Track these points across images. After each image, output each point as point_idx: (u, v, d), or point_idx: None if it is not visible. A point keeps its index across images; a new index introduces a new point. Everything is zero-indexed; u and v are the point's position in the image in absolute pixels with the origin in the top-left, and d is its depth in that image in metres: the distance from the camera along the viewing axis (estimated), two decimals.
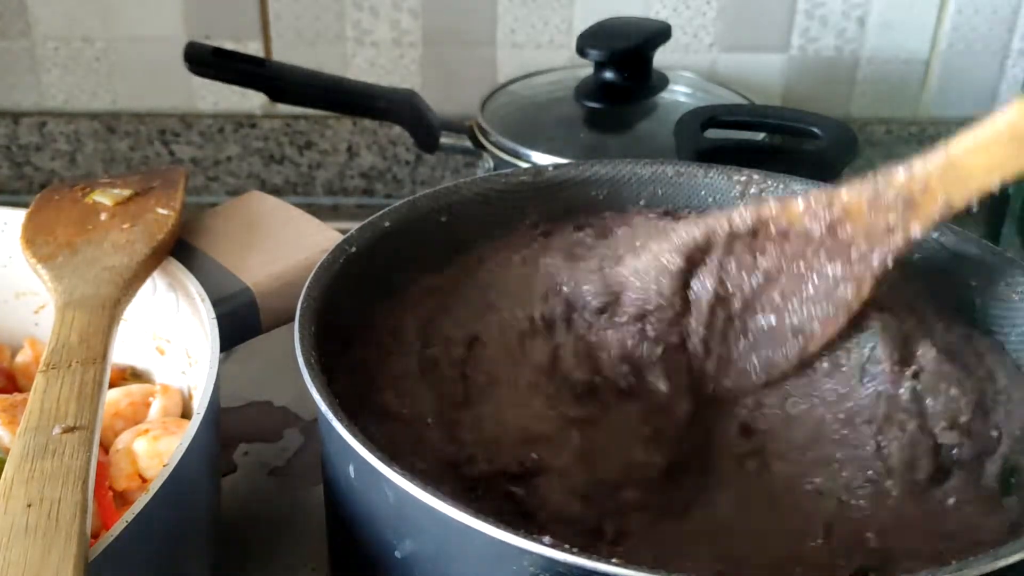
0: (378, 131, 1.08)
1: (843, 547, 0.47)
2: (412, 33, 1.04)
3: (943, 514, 0.49)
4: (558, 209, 0.68)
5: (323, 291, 0.56)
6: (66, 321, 0.54)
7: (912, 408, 0.52)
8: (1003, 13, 1.04)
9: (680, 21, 1.03)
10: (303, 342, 0.51)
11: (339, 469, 0.51)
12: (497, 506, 0.48)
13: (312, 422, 0.76)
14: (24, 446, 0.44)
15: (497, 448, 0.51)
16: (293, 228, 0.70)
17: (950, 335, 0.56)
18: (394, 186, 1.11)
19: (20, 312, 0.70)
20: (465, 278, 0.63)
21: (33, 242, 0.63)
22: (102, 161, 1.10)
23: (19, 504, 0.41)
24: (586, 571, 0.40)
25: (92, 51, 1.05)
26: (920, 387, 0.53)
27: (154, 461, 0.57)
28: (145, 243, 0.62)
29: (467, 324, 0.59)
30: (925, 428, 0.52)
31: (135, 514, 0.43)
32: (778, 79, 1.07)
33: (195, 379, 0.62)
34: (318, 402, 0.48)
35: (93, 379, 0.49)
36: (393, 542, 0.48)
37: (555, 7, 1.03)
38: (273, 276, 0.65)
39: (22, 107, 1.07)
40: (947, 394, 0.52)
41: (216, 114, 1.08)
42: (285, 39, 1.04)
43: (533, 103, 0.96)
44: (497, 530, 0.41)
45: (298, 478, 0.71)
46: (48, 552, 0.39)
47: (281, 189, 1.11)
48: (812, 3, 1.03)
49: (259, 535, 0.66)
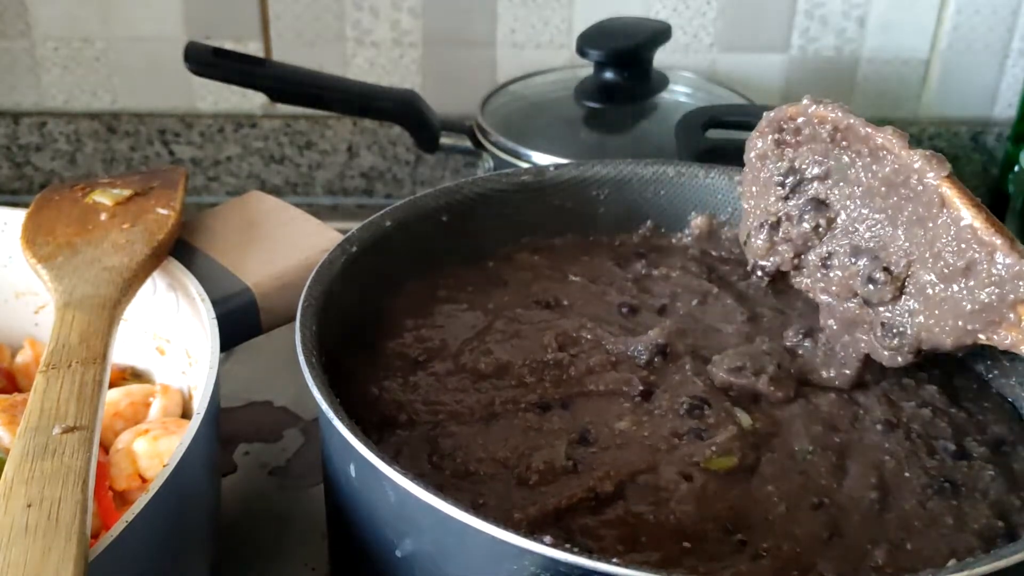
0: (378, 131, 1.08)
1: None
2: (412, 33, 1.04)
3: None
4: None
5: (324, 291, 0.56)
6: (66, 321, 0.54)
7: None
8: (1003, 13, 1.04)
9: (680, 21, 1.03)
10: (304, 342, 0.51)
11: (339, 469, 0.51)
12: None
13: (312, 422, 0.75)
14: (24, 446, 0.44)
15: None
16: (293, 228, 0.70)
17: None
18: (394, 186, 1.11)
19: (20, 312, 0.70)
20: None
21: (33, 242, 0.63)
22: (102, 161, 1.10)
23: (19, 504, 0.41)
24: (586, 571, 0.40)
25: (92, 51, 1.05)
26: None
27: (154, 461, 0.57)
28: (145, 243, 0.62)
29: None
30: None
31: (135, 514, 0.43)
32: (778, 79, 1.07)
33: (195, 379, 0.62)
34: (319, 402, 0.48)
35: (93, 379, 0.49)
36: (393, 541, 0.47)
37: (555, 7, 1.03)
38: (273, 276, 0.65)
39: (22, 107, 1.07)
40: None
41: (216, 114, 1.08)
42: (285, 39, 1.04)
43: (533, 103, 0.96)
44: (497, 529, 0.41)
45: (298, 478, 0.71)
46: (48, 552, 0.39)
47: (281, 189, 1.11)
48: (812, 3, 1.03)
49: (259, 535, 0.66)
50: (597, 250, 0.70)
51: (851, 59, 1.06)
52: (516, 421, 0.54)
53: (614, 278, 0.67)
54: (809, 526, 0.48)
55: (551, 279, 0.66)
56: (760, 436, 0.54)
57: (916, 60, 1.06)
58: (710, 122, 0.78)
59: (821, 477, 0.51)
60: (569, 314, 0.63)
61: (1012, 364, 0.58)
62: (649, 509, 0.48)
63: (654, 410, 0.55)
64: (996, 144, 1.10)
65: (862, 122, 0.53)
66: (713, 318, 0.63)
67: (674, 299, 0.65)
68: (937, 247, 0.51)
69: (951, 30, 1.04)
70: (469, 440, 0.53)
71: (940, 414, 0.56)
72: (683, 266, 0.68)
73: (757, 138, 0.59)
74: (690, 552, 0.47)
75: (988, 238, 0.49)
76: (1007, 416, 0.57)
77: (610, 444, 0.52)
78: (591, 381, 0.57)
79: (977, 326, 0.50)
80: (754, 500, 0.49)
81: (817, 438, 0.53)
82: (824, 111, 0.55)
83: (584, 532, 0.47)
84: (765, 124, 0.58)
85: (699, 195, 0.70)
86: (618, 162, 0.70)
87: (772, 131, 0.57)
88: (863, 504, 0.50)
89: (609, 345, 0.59)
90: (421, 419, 0.54)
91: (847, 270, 0.55)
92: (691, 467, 0.50)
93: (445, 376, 0.57)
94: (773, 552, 0.47)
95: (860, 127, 0.53)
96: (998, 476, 0.52)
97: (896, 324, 0.54)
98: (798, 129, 0.56)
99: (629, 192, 0.70)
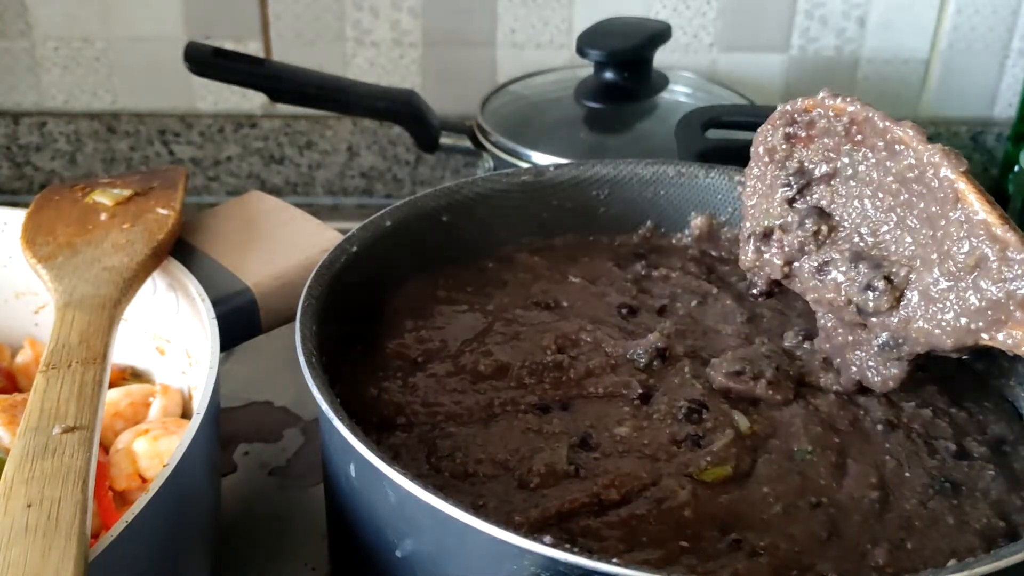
0: (378, 131, 1.08)
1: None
2: (412, 33, 1.04)
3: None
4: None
5: (324, 291, 0.56)
6: (66, 321, 0.54)
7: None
8: (1003, 13, 1.04)
9: (680, 21, 1.03)
10: (304, 342, 0.51)
11: (339, 469, 0.51)
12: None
13: (312, 422, 0.75)
14: (24, 446, 0.44)
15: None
16: (293, 228, 0.70)
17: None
18: (394, 186, 1.11)
19: (20, 312, 0.70)
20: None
21: (33, 242, 0.63)
22: (102, 161, 1.10)
23: (19, 504, 0.41)
24: (586, 571, 0.40)
25: (92, 51, 1.05)
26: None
27: (154, 461, 0.57)
28: (145, 243, 0.62)
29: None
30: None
31: (135, 514, 0.43)
32: (778, 79, 1.07)
33: (195, 379, 0.62)
34: (319, 402, 0.48)
35: (93, 379, 0.49)
36: (394, 541, 0.47)
37: (555, 7, 1.03)
38: (273, 276, 0.65)
39: (22, 107, 1.07)
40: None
41: (216, 114, 1.08)
42: (285, 39, 1.04)
43: (533, 103, 0.96)
44: (497, 529, 0.41)
45: (298, 478, 0.71)
46: (48, 552, 0.39)
47: (281, 189, 1.11)
48: (812, 3, 1.03)
49: (259, 535, 0.66)
50: (597, 250, 0.70)
51: (851, 59, 1.06)
52: (516, 422, 0.54)
53: (614, 279, 0.67)
54: (808, 526, 0.48)
55: (551, 280, 0.66)
56: (758, 438, 0.54)
57: (916, 60, 1.06)
58: (710, 122, 0.78)
59: (820, 477, 0.51)
60: (569, 316, 0.62)
61: (1012, 364, 0.58)
62: (649, 511, 0.48)
63: (653, 414, 0.55)
64: (996, 144, 1.10)
65: (881, 115, 0.53)
66: (712, 319, 0.63)
67: (674, 300, 0.65)
68: (946, 246, 0.51)
69: (951, 30, 1.04)
70: (468, 441, 0.53)
71: (940, 414, 0.56)
72: (683, 267, 0.68)
73: (768, 130, 0.58)
74: (689, 551, 0.47)
75: (1002, 234, 0.48)
76: (1007, 416, 0.57)
77: (612, 451, 0.52)
78: (590, 383, 0.57)
79: (981, 325, 0.50)
80: (750, 501, 0.49)
81: (817, 438, 0.53)
82: (842, 104, 0.54)
83: (586, 533, 0.47)
84: (777, 116, 0.57)
85: (699, 195, 0.70)
86: (618, 162, 0.70)
87: (784, 124, 0.57)
88: (863, 504, 0.50)
89: (608, 347, 0.59)
90: (420, 420, 0.54)
91: (845, 276, 0.55)
92: (688, 475, 0.51)
93: (444, 377, 0.57)
94: (771, 551, 0.47)
95: (879, 120, 0.53)
96: (999, 476, 0.52)
97: (892, 340, 0.54)
98: (811, 123, 0.56)
99: (629, 192, 0.70)
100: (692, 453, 0.52)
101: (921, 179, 0.52)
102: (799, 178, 0.57)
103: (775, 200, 0.58)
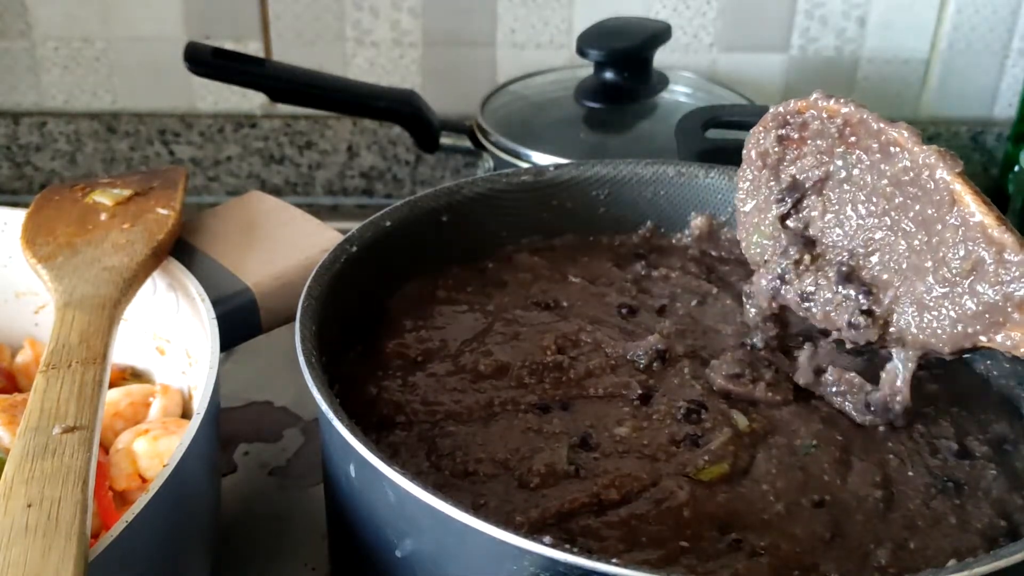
0: (378, 131, 1.08)
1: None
2: (412, 33, 1.04)
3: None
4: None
5: (324, 291, 0.56)
6: (66, 321, 0.54)
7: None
8: (1003, 13, 1.04)
9: (680, 21, 1.03)
10: (304, 342, 0.51)
11: (339, 469, 0.51)
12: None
13: (312, 422, 0.75)
14: (24, 446, 0.44)
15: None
16: (293, 228, 0.70)
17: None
18: (394, 186, 1.11)
19: (20, 312, 0.70)
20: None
21: (33, 242, 0.63)
22: (102, 161, 1.10)
23: (19, 504, 0.41)
24: (586, 571, 0.40)
25: (92, 51, 1.05)
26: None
27: (154, 461, 0.57)
28: (145, 243, 0.62)
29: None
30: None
31: (135, 514, 0.43)
32: (778, 79, 1.07)
33: (195, 379, 0.61)
34: (319, 402, 0.48)
35: (93, 379, 0.49)
36: (393, 541, 0.47)
37: (555, 7, 1.03)
38: (273, 276, 0.65)
39: (22, 107, 1.07)
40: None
41: (216, 114, 1.08)
42: (285, 39, 1.04)
43: (533, 103, 0.96)
44: (497, 530, 0.41)
45: (298, 478, 0.71)
46: (48, 552, 0.39)
47: (281, 189, 1.11)
48: (812, 3, 1.03)
49: (259, 535, 0.66)
50: (597, 251, 0.70)
51: (851, 59, 1.06)
52: (515, 422, 0.54)
53: (613, 279, 0.67)
54: (810, 525, 0.48)
55: (551, 280, 0.66)
56: (757, 436, 0.54)
57: (916, 60, 1.06)
58: (710, 122, 0.78)
59: (824, 473, 0.51)
60: (568, 316, 0.63)
61: (1012, 364, 0.58)
62: (649, 511, 0.48)
63: (653, 414, 0.55)
64: (996, 144, 1.10)
65: (875, 117, 0.53)
66: (712, 319, 0.63)
67: (673, 300, 0.65)
68: (942, 251, 0.50)
69: (951, 30, 1.04)
70: (468, 440, 0.53)
71: (942, 413, 0.56)
72: (683, 267, 0.68)
73: (760, 132, 0.57)
74: (689, 551, 0.47)
75: (998, 235, 0.48)
76: (1008, 415, 0.57)
77: (612, 451, 0.52)
78: (590, 384, 0.57)
79: (979, 327, 0.49)
80: (750, 500, 0.49)
81: (819, 434, 0.53)
82: (836, 105, 0.54)
83: (586, 533, 0.47)
84: (769, 118, 0.57)
85: (699, 195, 0.70)
86: (618, 162, 0.70)
87: (776, 126, 0.56)
88: (868, 503, 0.50)
89: (608, 348, 0.59)
90: (419, 418, 0.54)
91: (830, 303, 0.55)
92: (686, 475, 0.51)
93: (444, 376, 0.57)
94: (771, 551, 0.47)
95: (873, 122, 0.53)
96: (1000, 475, 0.52)
97: (888, 354, 0.54)
98: (804, 124, 0.55)
99: (629, 192, 0.70)
100: (691, 453, 0.52)
101: (916, 181, 0.51)
102: (792, 193, 0.56)
103: (768, 217, 0.57)
